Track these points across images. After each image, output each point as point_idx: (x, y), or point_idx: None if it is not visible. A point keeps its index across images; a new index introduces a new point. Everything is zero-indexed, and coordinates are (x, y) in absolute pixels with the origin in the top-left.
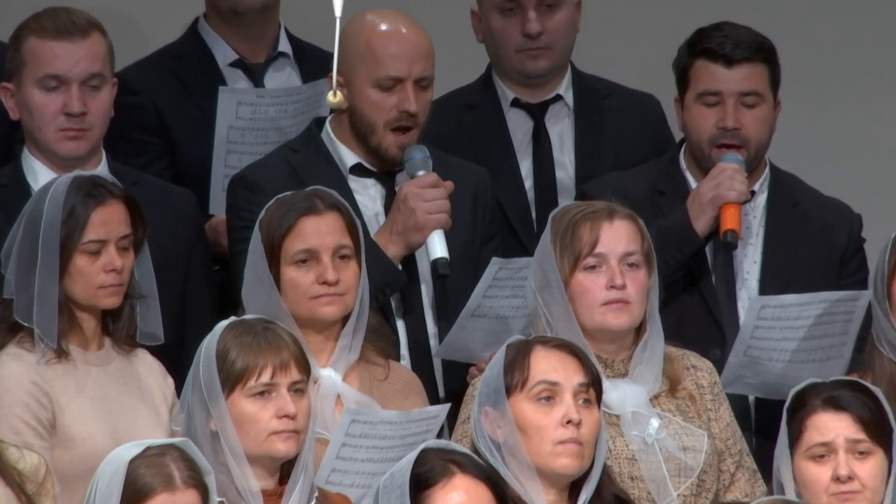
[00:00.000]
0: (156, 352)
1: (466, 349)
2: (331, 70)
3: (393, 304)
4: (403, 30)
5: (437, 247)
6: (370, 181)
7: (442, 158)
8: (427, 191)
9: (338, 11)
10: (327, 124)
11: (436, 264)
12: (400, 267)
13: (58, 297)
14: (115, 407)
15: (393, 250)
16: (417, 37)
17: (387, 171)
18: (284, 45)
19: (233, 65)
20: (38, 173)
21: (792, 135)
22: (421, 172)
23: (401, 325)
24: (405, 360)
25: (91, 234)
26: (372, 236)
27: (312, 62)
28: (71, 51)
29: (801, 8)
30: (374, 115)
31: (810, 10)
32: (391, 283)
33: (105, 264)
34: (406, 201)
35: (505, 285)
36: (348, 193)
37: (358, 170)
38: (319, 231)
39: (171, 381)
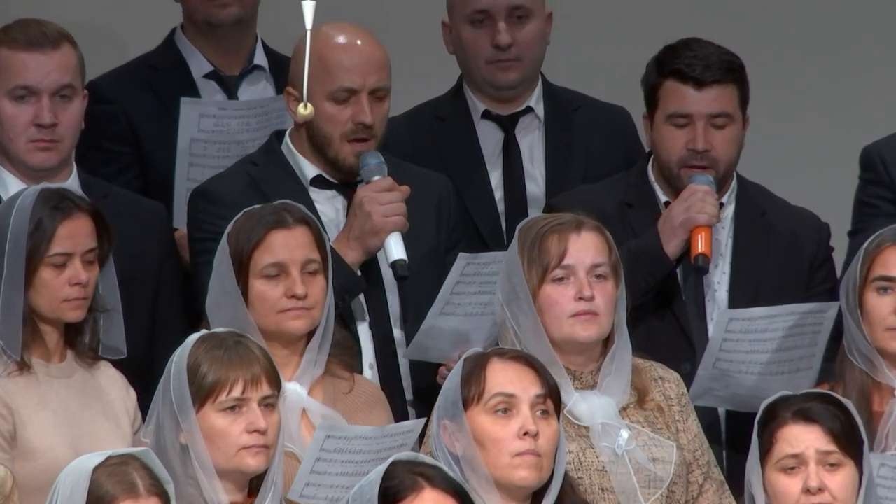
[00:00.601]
0: (125, 364)
1: (436, 349)
2: (296, 84)
3: (358, 310)
4: (357, 42)
5: (395, 249)
6: (331, 193)
7: (404, 168)
8: (382, 194)
9: (308, 24)
10: (287, 137)
11: (395, 266)
12: (359, 273)
13: (22, 310)
14: (77, 419)
15: (352, 256)
16: (371, 48)
17: (348, 183)
18: (260, 59)
19: (207, 76)
20: (9, 184)
21: (758, 145)
22: (376, 177)
23: (366, 332)
24: (373, 369)
25: (57, 247)
26: (331, 243)
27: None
28: (42, 62)
29: (767, 18)
30: (330, 128)
31: (777, 20)
32: (351, 289)
33: (70, 277)
34: (361, 206)
35: (472, 281)
36: (309, 205)
37: (319, 182)
38: (289, 245)
39: (133, 393)
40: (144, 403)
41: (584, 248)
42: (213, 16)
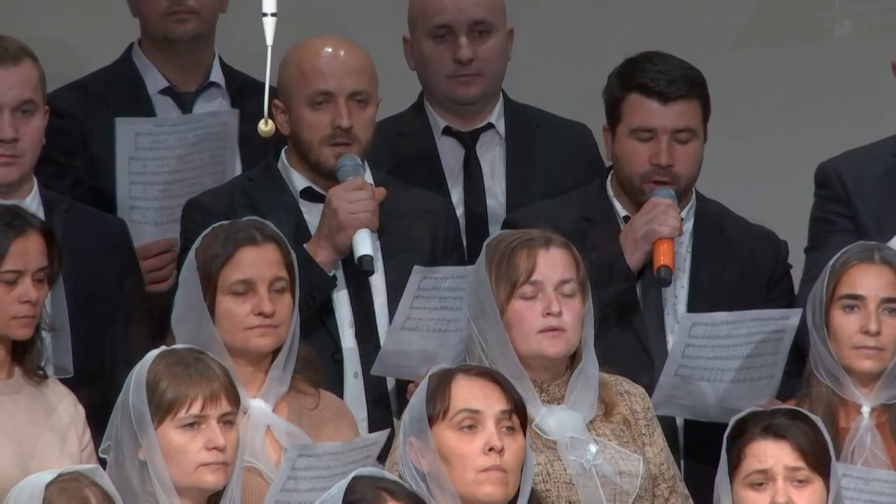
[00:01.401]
0: (86, 380)
1: (402, 365)
2: (281, 96)
3: (346, 318)
4: (336, 48)
5: (361, 245)
6: (322, 206)
7: (404, 187)
8: (350, 192)
9: (269, 40)
10: (282, 152)
11: (360, 262)
12: (332, 273)
13: None
14: (23, 436)
15: (321, 255)
16: (349, 53)
17: None
18: (217, 76)
19: (163, 92)
20: None
21: (717, 162)
22: (350, 178)
23: (352, 340)
24: (357, 378)
25: (9, 264)
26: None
27: (246, 93)
28: (2, 77)
29: (724, 35)
30: (310, 134)
31: (735, 37)
32: (320, 287)
33: (20, 295)
34: (329, 203)
35: (431, 296)
36: (299, 217)
37: (309, 194)
38: (257, 262)
39: (81, 409)
40: (105, 420)
41: (553, 265)
42: (171, 31)
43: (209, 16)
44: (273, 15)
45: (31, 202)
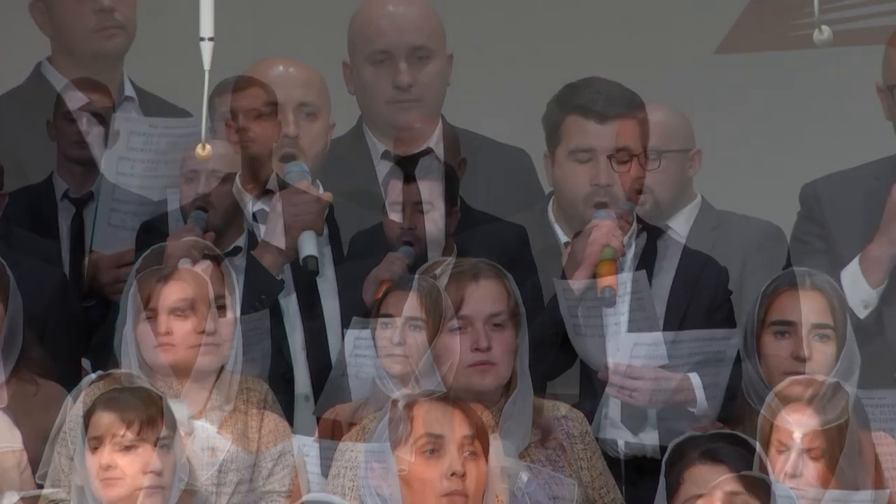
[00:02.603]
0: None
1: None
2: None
3: (298, 341)
4: (288, 66)
5: (306, 246)
6: None
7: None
8: (295, 195)
9: (206, 65)
10: (237, 175)
11: (305, 262)
12: (280, 277)
13: None
14: None
15: (267, 259)
16: (299, 69)
17: None
18: (129, 90)
19: (83, 109)
20: None
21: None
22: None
23: (303, 363)
24: (308, 401)
25: None
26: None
27: (156, 109)
28: None
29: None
30: (260, 146)
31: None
32: (267, 291)
33: None
34: (274, 208)
35: (371, 345)
36: (253, 238)
37: (264, 216)
38: (197, 281)
39: (17, 434)
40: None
41: (482, 298)
42: (102, 47)
43: (133, 30)
44: (210, 39)
45: None
